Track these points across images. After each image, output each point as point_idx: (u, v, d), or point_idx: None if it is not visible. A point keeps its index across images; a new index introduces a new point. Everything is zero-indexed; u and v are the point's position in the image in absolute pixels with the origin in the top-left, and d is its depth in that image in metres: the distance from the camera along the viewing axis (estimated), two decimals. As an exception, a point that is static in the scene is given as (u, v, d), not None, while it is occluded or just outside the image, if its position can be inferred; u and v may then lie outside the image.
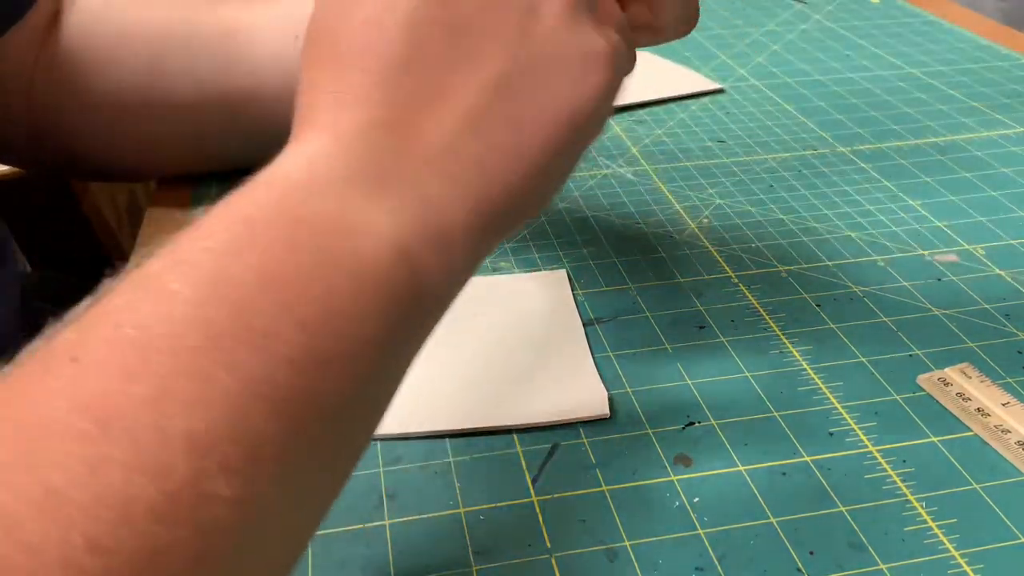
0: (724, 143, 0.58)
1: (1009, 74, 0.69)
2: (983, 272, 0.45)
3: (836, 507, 0.32)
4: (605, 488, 0.32)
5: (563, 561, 0.30)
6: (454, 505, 0.32)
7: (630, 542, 0.30)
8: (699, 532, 0.31)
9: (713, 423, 0.35)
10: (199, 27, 0.47)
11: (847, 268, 0.45)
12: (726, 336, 0.40)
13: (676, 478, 0.33)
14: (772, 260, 0.46)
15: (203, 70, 0.47)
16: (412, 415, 0.35)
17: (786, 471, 0.33)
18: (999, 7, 1.12)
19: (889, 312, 0.42)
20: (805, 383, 0.37)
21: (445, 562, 0.30)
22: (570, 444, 0.34)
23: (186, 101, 0.47)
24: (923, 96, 0.65)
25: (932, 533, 0.31)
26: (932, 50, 0.74)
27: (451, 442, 0.34)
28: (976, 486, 0.33)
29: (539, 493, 0.32)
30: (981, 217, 0.50)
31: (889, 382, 0.37)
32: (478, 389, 0.37)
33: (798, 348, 0.39)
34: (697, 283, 0.44)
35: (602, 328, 0.41)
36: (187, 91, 0.47)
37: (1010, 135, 0.59)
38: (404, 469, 0.33)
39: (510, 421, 0.35)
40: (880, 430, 0.35)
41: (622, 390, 0.37)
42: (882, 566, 0.29)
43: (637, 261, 0.46)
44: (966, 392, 0.36)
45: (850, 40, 0.77)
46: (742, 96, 0.66)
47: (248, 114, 0.48)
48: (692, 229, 0.48)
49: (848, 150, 0.57)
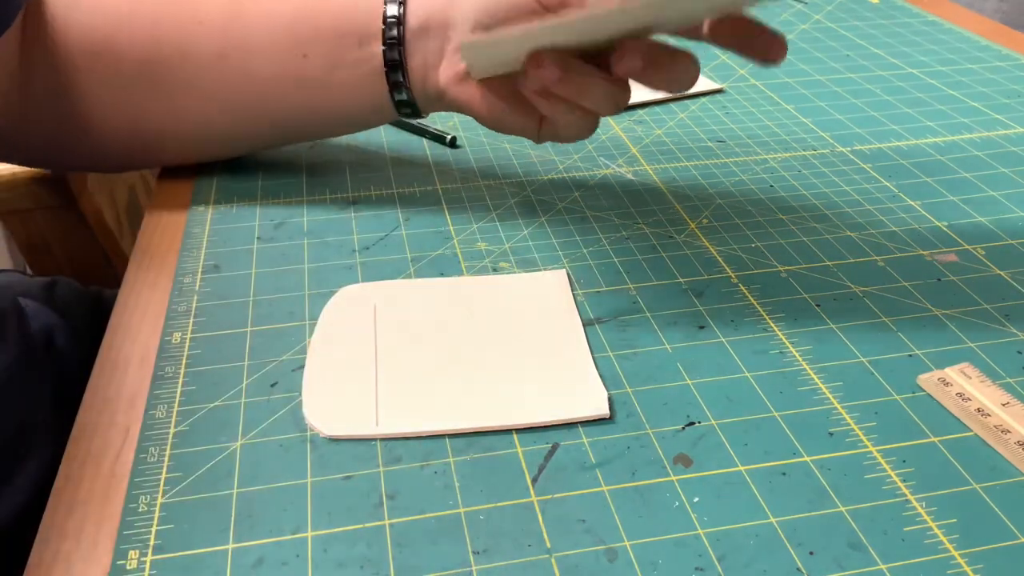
0: (724, 143, 0.58)
1: (1009, 74, 0.69)
2: (983, 272, 0.45)
3: (836, 507, 0.32)
4: (605, 488, 0.32)
5: (563, 561, 0.30)
6: (454, 505, 0.32)
7: (630, 542, 0.30)
8: (699, 532, 0.31)
9: (713, 423, 0.35)
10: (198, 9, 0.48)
11: (847, 268, 0.45)
12: (726, 336, 0.40)
13: (676, 478, 0.33)
14: (772, 260, 0.46)
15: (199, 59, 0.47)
16: (412, 415, 0.35)
17: (786, 471, 0.33)
18: (999, 7, 1.12)
19: (889, 312, 0.42)
20: (805, 383, 0.37)
21: (445, 562, 0.30)
22: (570, 444, 0.34)
23: (184, 87, 0.48)
24: (923, 96, 0.65)
25: (932, 533, 0.31)
26: (932, 50, 0.74)
27: (451, 442, 0.34)
28: (976, 486, 0.33)
29: (539, 493, 0.32)
30: (981, 217, 0.50)
31: (889, 382, 0.37)
32: (478, 389, 0.37)
33: (798, 348, 0.39)
34: (697, 283, 0.44)
35: (602, 328, 0.41)
36: (185, 77, 0.48)
37: (1010, 135, 0.59)
38: (404, 469, 0.33)
39: (510, 421, 0.35)
40: (880, 430, 0.35)
41: (622, 390, 0.37)
42: (882, 566, 0.29)
43: (637, 261, 0.46)
44: (966, 392, 0.36)
45: (850, 40, 0.77)
46: (742, 96, 0.66)
47: (243, 101, 0.48)
48: (692, 229, 0.48)
49: (848, 150, 0.57)
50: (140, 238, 0.48)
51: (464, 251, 0.46)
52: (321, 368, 0.38)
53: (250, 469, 0.33)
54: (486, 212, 0.50)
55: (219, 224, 0.49)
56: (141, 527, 0.31)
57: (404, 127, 0.60)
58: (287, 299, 0.42)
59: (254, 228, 0.48)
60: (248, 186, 0.53)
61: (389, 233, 0.48)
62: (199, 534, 0.31)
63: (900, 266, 0.45)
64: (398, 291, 0.43)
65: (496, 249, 0.47)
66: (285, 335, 0.40)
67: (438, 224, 0.49)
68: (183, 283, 0.44)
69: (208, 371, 0.38)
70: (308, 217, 0.49)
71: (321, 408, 0.36)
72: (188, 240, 0.47)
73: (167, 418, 0.35)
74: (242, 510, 0.32)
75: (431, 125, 0.59)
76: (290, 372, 0.38)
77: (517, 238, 0.47)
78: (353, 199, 0.51)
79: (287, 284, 0.44)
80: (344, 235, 0.48)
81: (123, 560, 0.30)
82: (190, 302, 0.42)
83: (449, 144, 0.58)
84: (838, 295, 0.43)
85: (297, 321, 0.41)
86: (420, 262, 0.45)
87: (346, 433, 0.35)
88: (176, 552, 0.30)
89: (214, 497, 0.32)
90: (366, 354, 0.39)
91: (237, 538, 0.30)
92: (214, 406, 0.36)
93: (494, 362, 0.38)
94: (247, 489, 0.32)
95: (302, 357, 0.39)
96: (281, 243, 0.47)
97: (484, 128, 0.48)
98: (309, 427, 0.35)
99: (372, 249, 0.46)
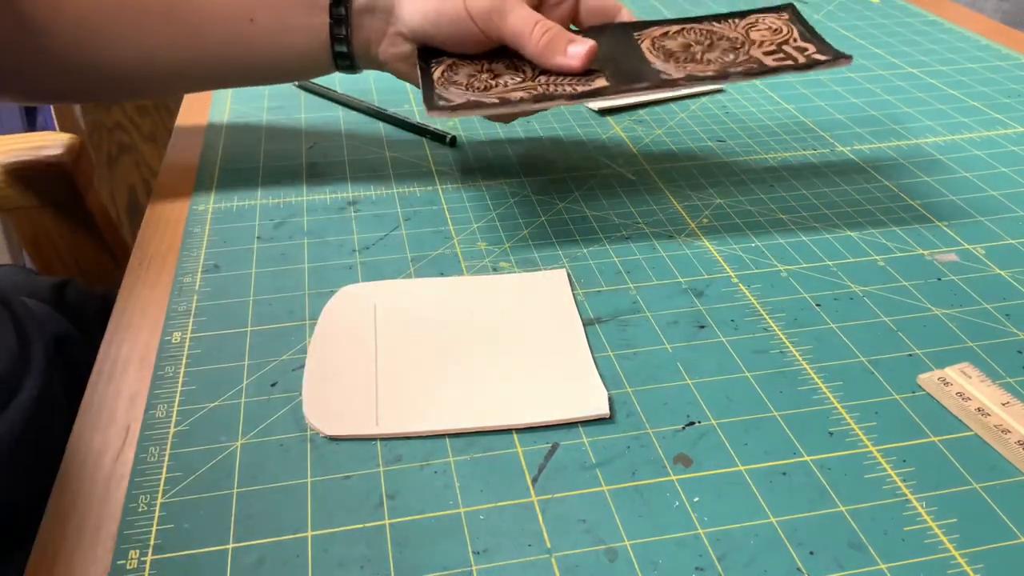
0: (724, 143, 0.58)
1: (1009, 74, 0.69)
2: (983, 272, 0.45)
3: (836, 507, 0.32)
4: (605, 488, 0.32)
5: (563, 561, 0.30)
6: (454, 505, 0.32)
7: (630, 542, 0.30)
8: (699, 532, 0.31)
9: (713, 423, 0.35)
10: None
11: (847, 268, 0.45)
12: (726, 336, 0.40)
13: (676, 478, 0.33)
14: (772, 260, 0.46)
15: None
16: (412, 415, 0.35)
17: (786, 471, 0.33)
18: (999, 7, 1.12)
19: (889, 312, 0.42)
20: (805, 383, 0.37)
21: (445, 562, 0.30)
22: (570, 444, 0.34)
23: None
24: (923, 96, 0.65)
25: (932, 533, 0.31)
26: (932, 50, 0.74)
27: (451, 442, 0.34)
28: (976, 486, 0.33)
29: (539, 493, 0.32)
30: (981, 217, 0.50)
31: (889, 382, 0.37)
32: (478, 389, 0.37)
33: (798, 348, 0.39)
34: (697, 283, 0.44)
35: (602, 328, 0.41)
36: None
37: (1010, 135, 0.59)
38: (404, 469, 0.33)
39: (510, 421, 0.35)
40: (880, 430, 0.35)
41: (622, 390, 0.37)
42: (882, 566, 0.29)
43: (637, 261, 0.46)
44: (966, 392, 0.36)
45: (850, 40, 0.77)
46: (742, 96, 0.66)
47: (188, 57, 0.50)
48: (692, 229, 0.48)
49: (848, 150, 0.57)
50: (140, 238, 0.48)
51: (464, 251, 0.46)
52: (321, 368, 0.38)
53: (250, 469, 0.33)
54: (486, 212, 0.50)
55: (219, 224, 0.49)
56: (141, 527, 0.31)
57: (404, 127, 0.60)
58: (287, 299, 0.42)
59: (254, 228, 0.48)
60: (248, 186, 0.53)
61: (389, 233, 0.48)
62: (199, 534, 0.31)
63: (900, 266, 0.45)
64: (398, 291, 0.43)
65: (496, 249, 0.47)
66: (285, 335, 0.40)
67: (438, 224, 0.49)
68: (183, 283, 0.44)
69: (208, 371, 0.38)
70: (308, 217, 0.49)
71: (321, 408, 0.36)
72: (188, 240, 0.47)
73: (167, 418, 0.35)
74: (242, 510, 0.32)
75: (431, 125, 0.59)
76: (290, 372, 0.38)
77: (517, 238, 0.47)
78: (353, 199, 0.51)
79: (287, 284, 0.44)
80: (344, 235, 0.48)
81: (123, 560, 0.30)
82: (190, 302, 0.42)
83: (449, 144, 0.58)
84: (838, 295, 0.43)
85: (297, 321, 0.41)
86: (420, 262, 0.45)
87: (346, 433, 0.35)
88: (176, 552, 0.30)
89: (214, 497, 0.32)
90: (366, 354, 0.39)
91: (237, 538, 0.30)
92: (214, 406, 0.36)
93: (494, 362, 0.38)
94: (247, 489, 0.32)
95: (302, 357, 0.39)
96: (281, 243, 0.47)
97: (484, 128, 0.48)
98: (309, 427, 0.35)
99: (372, 249, 0.46)
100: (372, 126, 0.60)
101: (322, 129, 0.60)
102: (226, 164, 0.55)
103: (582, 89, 0.45)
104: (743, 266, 0.45)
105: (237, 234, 0.48)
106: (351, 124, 0.61)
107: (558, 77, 0.46)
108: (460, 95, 0.45)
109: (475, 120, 0.61)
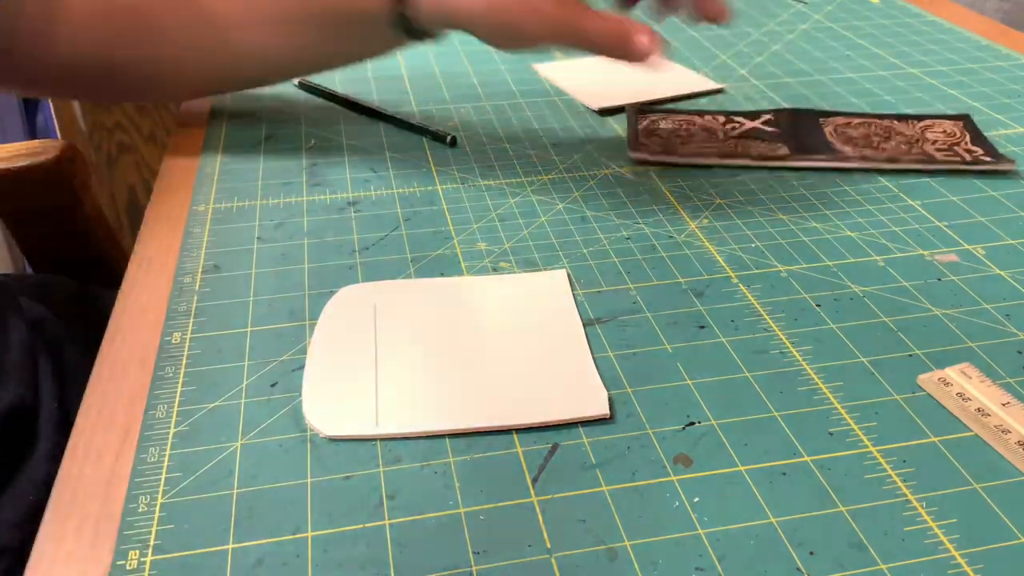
0: (724, 143, 0.58)
1: (1009, 74, 0.69)
2: (983, 272, 0.45)
3: (836, 507, 0.32)
4: (605, 488, 0.32)
5: (563, 561, 0.30)
6: (454, 505, 0.32)
7: (630, 542, 0.30)
8: (699, 532, 0.31)
9: (713, 423, 0.35)
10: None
11: (847, 268, 0.45)
12: (726, 336, 0.40)
13: (676, 478, 0.33)
14: (772, 260, 0.46)
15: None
16: (412, 415, 0.35)
17: (786, 471, 0.33)
18: (1000, 7, 1.12)
19: (889, 312, 0.42)
20: (805, 383, 0.37)
21: (445, 562, 0.30)
22: (570, 444, 0.34)
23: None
24: (923, 96, 0.65)
25: (932, 533, 0.31)
26: (932, 50, 0.74)
27: (451, 442, 0.34)
28: (976, 486, 0.33)
29: (539, 493, 0.32)
30: (981, 217, 0.50)
31: (889, 382, 0.37)
32: (478, 389, 0.37)
33: (798, 348, 0.39)
34: (697, 283, 0.44)
35: (602, 328, 0.41)
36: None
37: (1010, 135, 0.59)
38: (404, 469, 0.33)
39: (510, 421, 0.35)
40: (880, 430, 0.35)
41: (622, 390, 0.37)
42: (882, 566, 0.29)
43: (637, 261, 0.46)
44: (966, 392, 0.36)
45: (850, 40, 0.77)
46: (742, 96, 0.66)
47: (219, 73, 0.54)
48: (692, 229, 0.48)
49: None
50: (140, 238, 0.48)
51: (464, 251, 0.46)
52: (321, 368, 0.38)
53: (250, 469, 0.33)
54: (486, 212, 0.50)
55: (219, 224, 0.49)
56: (141, 527, 0.31)
57: (404, 127, 0.60)
58: (287, 299, 0.42)
59: (254, 228, 0.48)
60: (248, 186, 0.53)
61: (389, 233, 0.48)
62: (199, 534, 0.31)
63: (900, 266, 0.45)
64: (398, 291, 0.43)
65: (496, 249, 0.47)
66: (285, 335, 0.40)
67: (438, 224, 0.49)
68: (183, 283, 0.44)
69: (208, 371, 0.38)
70: (308, 217, 0.49)
71: (321, 408, 0.36)
72: (188, 240, 0.47)
73: (167, 418, 0.35)
74: (242, 510, 0.32)
75: (431, 125, 0.59)
76: (290, 372, 0.38)
77: (517, 238, 0.47)
78: (353, 199, 0.51)
79: (287, 284, 0.44)
80: (344, 235, 0.48)
81: (123, 560, 0.30)
82: (190, 302, 0.42)
83: (449, 144, 0.58)
84: (838, 295, 0.43)
85: (297, 321, 0.41)
86: (420, 262, 0.45)
87: (346, 433, 0.35)
88: (176, 552, 0.30)
89: (214, 497, 0.32)
90: (366, 354, 0.39)
91: (237, 538, 0.30)
92: (214, 406, 0.36)
93: (494, 362, 0.38)
94: (247, 489, 0.32)
95: (302, 357, 0.39)
96: (281, 243, 0.47)
97: (484, 128, 0.48)
98: (309, 427, 0.35)
99: (372, 249, 0.46)
100: (372, 126, 0.60)
101: (322, 129, 0.60)
102: (226, 164, 0.55)
103: (767, 154, 0.55)
104: (743, 266, 0.45)
105: (237, 234, 0.48)
106: (351, 124, 0.61)
107: (746, 141, 0.56)
108: (659, 145, 0.56)
109: (475, 120, 0.61)
